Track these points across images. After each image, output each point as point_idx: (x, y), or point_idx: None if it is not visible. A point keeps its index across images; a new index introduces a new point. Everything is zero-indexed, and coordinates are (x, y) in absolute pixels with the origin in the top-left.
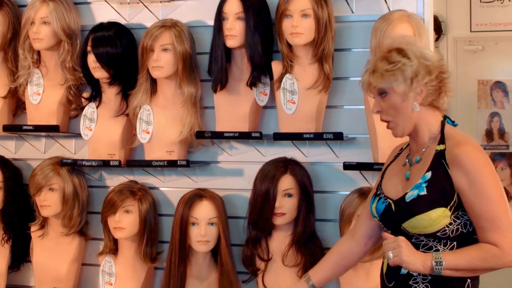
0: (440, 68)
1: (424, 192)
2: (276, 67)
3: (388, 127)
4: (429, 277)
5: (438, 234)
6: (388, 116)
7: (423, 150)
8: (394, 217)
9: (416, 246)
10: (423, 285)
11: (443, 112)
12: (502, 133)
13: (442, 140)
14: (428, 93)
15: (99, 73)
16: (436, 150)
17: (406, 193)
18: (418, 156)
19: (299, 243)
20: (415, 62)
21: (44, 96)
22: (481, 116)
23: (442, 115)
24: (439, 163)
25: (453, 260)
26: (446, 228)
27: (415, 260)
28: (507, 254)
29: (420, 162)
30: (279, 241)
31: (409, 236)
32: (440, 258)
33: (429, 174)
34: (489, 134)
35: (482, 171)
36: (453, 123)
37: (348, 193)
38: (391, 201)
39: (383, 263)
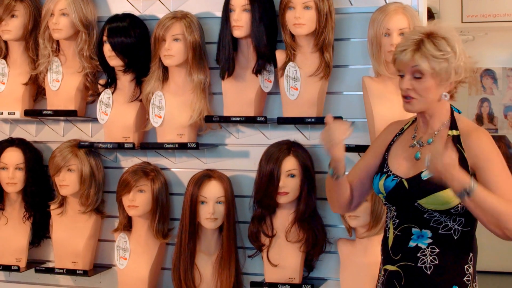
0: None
1: None
2: (280, 55)
3: (406, 101)
4: (437, 250)
5: (451, 210)
6: (415, 95)
7: (435, 133)
8: (408, 194)
9: (428, 221)
10: (431, 257)
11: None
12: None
13: (453, 126)
14: (455, 86)
15: (114, 61)
16: (449, 134)
17: (421, 172)
18: (429, 138)
19: (301, 220)
20: (460, 58)
21: (63, 83)
22: (472, 101)
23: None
24: (455, 147)
25: (482, 195)
26: (459, 205)
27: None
28: None
29: (432, 144)
30: (283, 219)
31: (422, 212)
32: (474, 189)
33: None
34: (479, 119)
35: (495, 154)
36: (458, 111)
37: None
38: (403, 179)
39: (388, 237)
